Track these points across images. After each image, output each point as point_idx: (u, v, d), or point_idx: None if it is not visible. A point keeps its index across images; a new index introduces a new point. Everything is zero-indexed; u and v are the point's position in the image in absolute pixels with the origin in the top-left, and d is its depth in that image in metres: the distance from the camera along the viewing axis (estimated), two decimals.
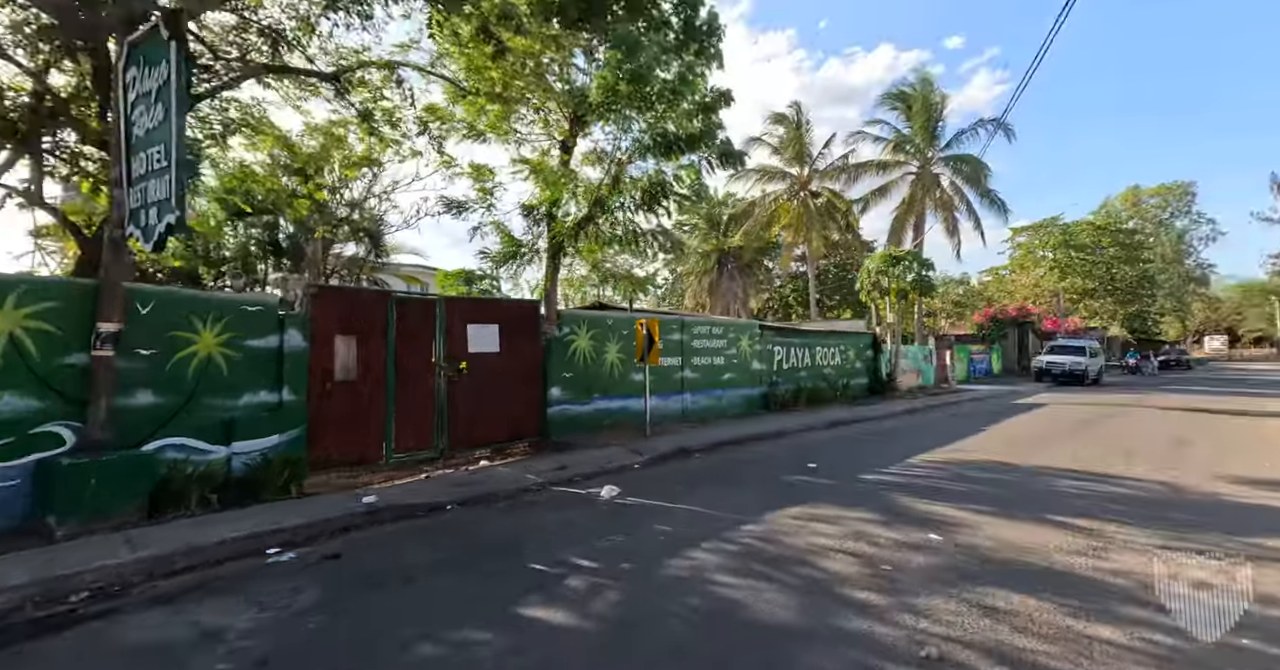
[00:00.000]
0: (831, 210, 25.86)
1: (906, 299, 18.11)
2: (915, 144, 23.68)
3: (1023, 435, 10.10)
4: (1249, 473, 6.98)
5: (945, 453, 8.39)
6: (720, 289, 27.98)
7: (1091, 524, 4.85)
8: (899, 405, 15.00)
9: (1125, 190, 47.31)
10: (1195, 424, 11.51)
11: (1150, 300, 41.96)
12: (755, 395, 13.16)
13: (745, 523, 4.87)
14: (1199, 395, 18.05)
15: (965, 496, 5.80)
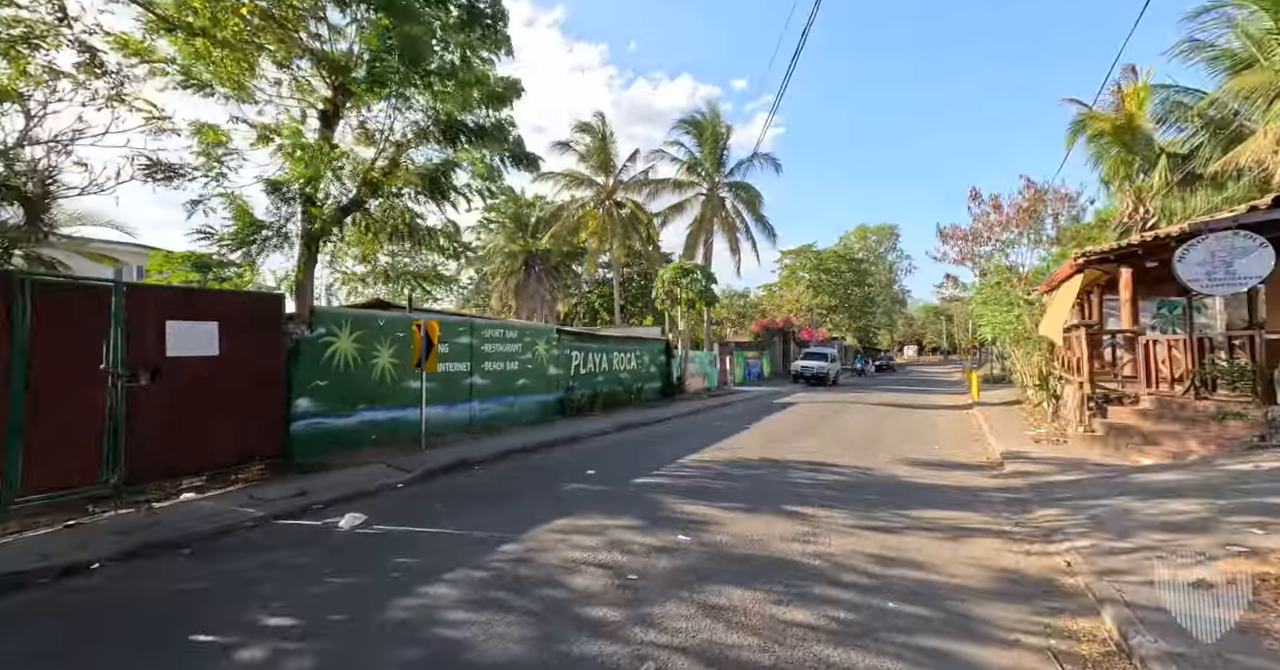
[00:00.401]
0: (635, 221, 27.25)
1: (695, 308, 19.81)
2: (705, 168, 26.28)
3: (777, 431, 11.65)
4: (920, 455, 8.97)
5: (714, 451, 9.19)
6: (528, 291, 27.43)
7: (811, 511, 5.62)
8: (685, 407, 16.30)
9: (856, 227, 59.83)
10: (891, 417, 14.65)
11: (872, 316, 53.21)
12: (551, 401, 12.99)
13: (506, 542, 4.54)
14: (897, 393, 23.19)
15: (721, 494, 6.31)
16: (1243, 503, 4.65)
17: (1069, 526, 4.85)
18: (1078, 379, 9.52)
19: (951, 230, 18.65)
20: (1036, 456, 8.18)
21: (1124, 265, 8.74)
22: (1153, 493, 5.46)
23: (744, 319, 44.37)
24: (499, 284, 28.15)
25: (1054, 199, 15.87)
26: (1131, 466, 6.84)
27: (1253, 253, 6.31)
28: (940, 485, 6.96)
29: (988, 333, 16.98)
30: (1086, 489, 6.07)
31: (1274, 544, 3.76)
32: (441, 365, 9.62)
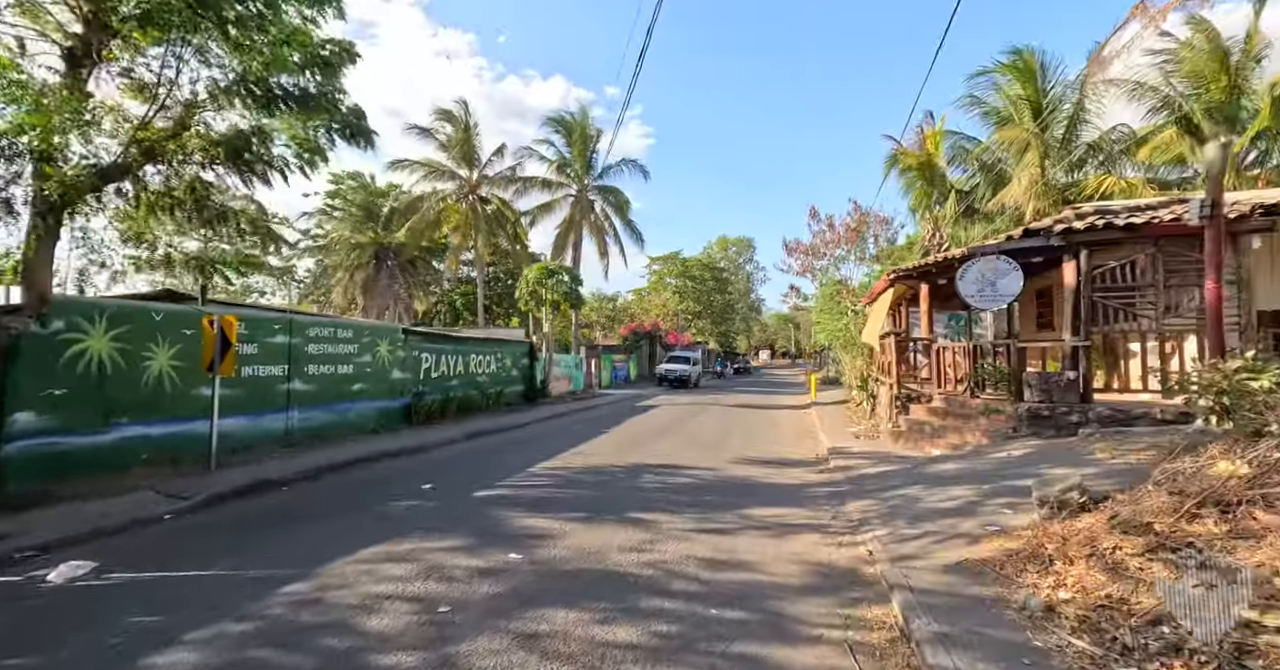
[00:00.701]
0: (501, 218, 26.17)
1: (560, 310, 19.45)
2: (575, 169, 26.11)
3: (635, 434, 11.73)
4: (761, 454, 9.55)
5: (569, 457, 8.92)
6: (379, 287, 24.95)
7: (654, 516, 5.59)
8: (548, 411, 15.86)
9: (718, 238, 63.93)
10: (742, 417, 15.61)
11: (732, 322, 57.05)
12: (395, 408, 11.79)
13: (292, 581, 3.81)
14: (750, 394, 24.94)
15: (566, 504, 6.05)
16: (1000, 487, 5.49)
17: (873, 517, 5.35)
18: (888, 381, 10.87)
19: (795, 244, 20.65)
20: (855, 451, 9.12)
21: (923, 282, 10.14)
22: (938, 481, 6.28)
23: (614, 322, 44.98)
24: (343, 278, 25.26)
25: (875, 222, 18.32)
26: (924, 457, 7.87)
27: (1010, 274, 7.66)
28: (775, 483, 7.41)
29: (823, 339, 18.90)
30: (890, 480, 6.83)
31: (1020, 522, 4.44)
32: (247, 368, 8.18)
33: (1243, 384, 3.42)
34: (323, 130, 7.65)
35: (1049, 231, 7.39)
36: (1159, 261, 7.06)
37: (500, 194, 26.28)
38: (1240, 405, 3.46)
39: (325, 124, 7.58)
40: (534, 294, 18.33)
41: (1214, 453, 3.21)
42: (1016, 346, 7.71)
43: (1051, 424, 7.24)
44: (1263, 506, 2.65)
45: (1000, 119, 16.72)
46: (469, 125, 24.20)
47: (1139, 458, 5.45)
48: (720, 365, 42.80)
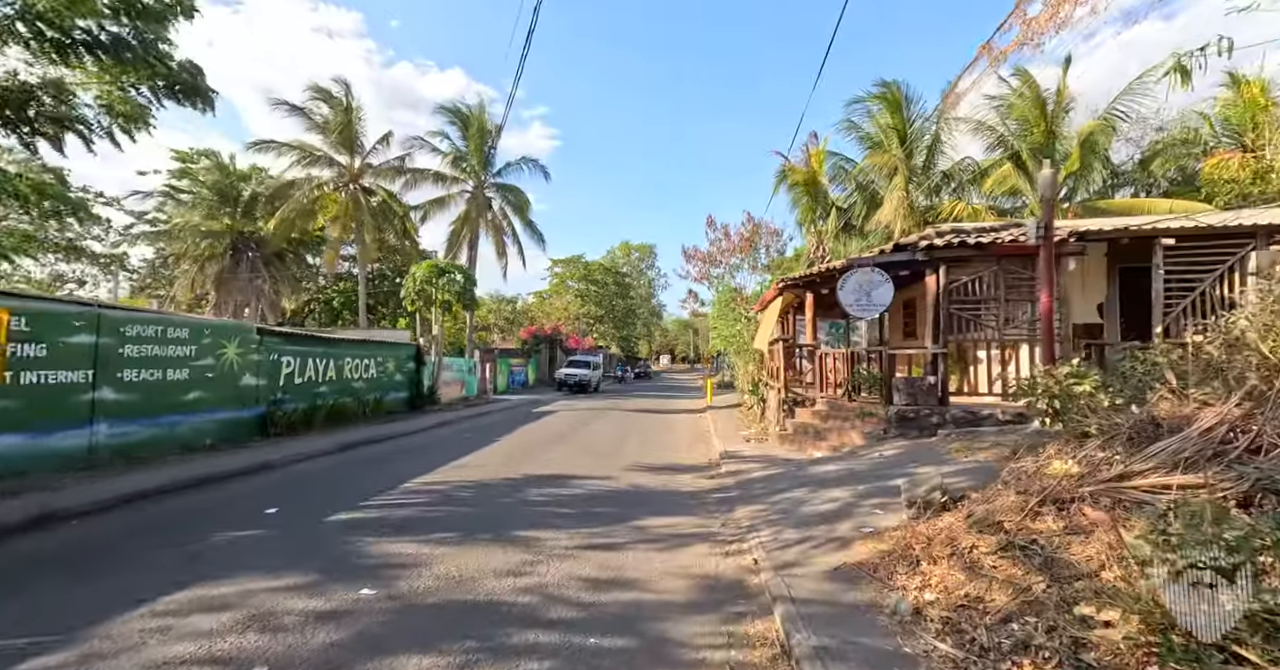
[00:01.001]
0: (388, 212, 24.19)
1: (451, 311, 18.28)
2: (471, 164, 24.84)
3: (528, 442, 11.18)
4: (656, 461, 9.47)
5: (451, 470, 8.23)
6: (237, 282, 21.91)
7: (538, 534, 5.20)
8: (435, 418, 14.75)
9: (621, 243, 64.55)
10: (639, 422, 15.59)
11: (633, 327, 57.64)
12: (246, 418, 10.26)
13: (46, 651, 2.96)
14: (649, 398, 25.15)
15: (439, 523, 5.47)
16: (873, 487, 5.77)
17: (760, 522, 5.38)
18: (776, 385, 11.33)
19: (693, 251, 21.20)
20: (746, 455, 9.33)
21: (809, 291, 10.69)
22: (819, 483, 6.51)
23: (512, 325, 43.53)
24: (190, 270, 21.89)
25: (767, 233, 19.32)
26: (808, 459, 8.21)
27: (882, 286, 8.26)
28: (668, 490, 7.32)
29: (719, 344, 19.50)
30: (776, 483, 7.00)
31: (891, 522, 4.64)
32: (30, 374, 6.61)
33: (1070, 389, 3.81)
34: (144, 88, 6.39)
35: (915, 247, 8.05)
36: (1001, 278, 7.96)
37: (387, 185, 24.30)
38: (1069, 408, 3.83)
39: (147, 80, 6.33)
40: (422, 293, 17.05)
41: (1050, 453, 3.52)
42: (887, 353, 8.32)
43: (916, 425, 7.84)
44: (1090, 503, 2.88)
45: (873, 144, 18.34)
46: (351, 107, 22.10)
47: (986, 456, 5.99)
48: (621, 370, 42.94)
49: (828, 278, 9.83)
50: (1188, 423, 2.73)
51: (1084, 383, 3.67)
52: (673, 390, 32.51)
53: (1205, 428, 2.57)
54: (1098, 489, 2.89)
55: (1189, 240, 7.04)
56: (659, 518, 5.89)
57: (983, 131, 17.86)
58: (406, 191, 24.91)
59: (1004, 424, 7.41)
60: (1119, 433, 2.97)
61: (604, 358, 47.57)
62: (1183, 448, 2.59)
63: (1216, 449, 2.50)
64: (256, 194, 22.50)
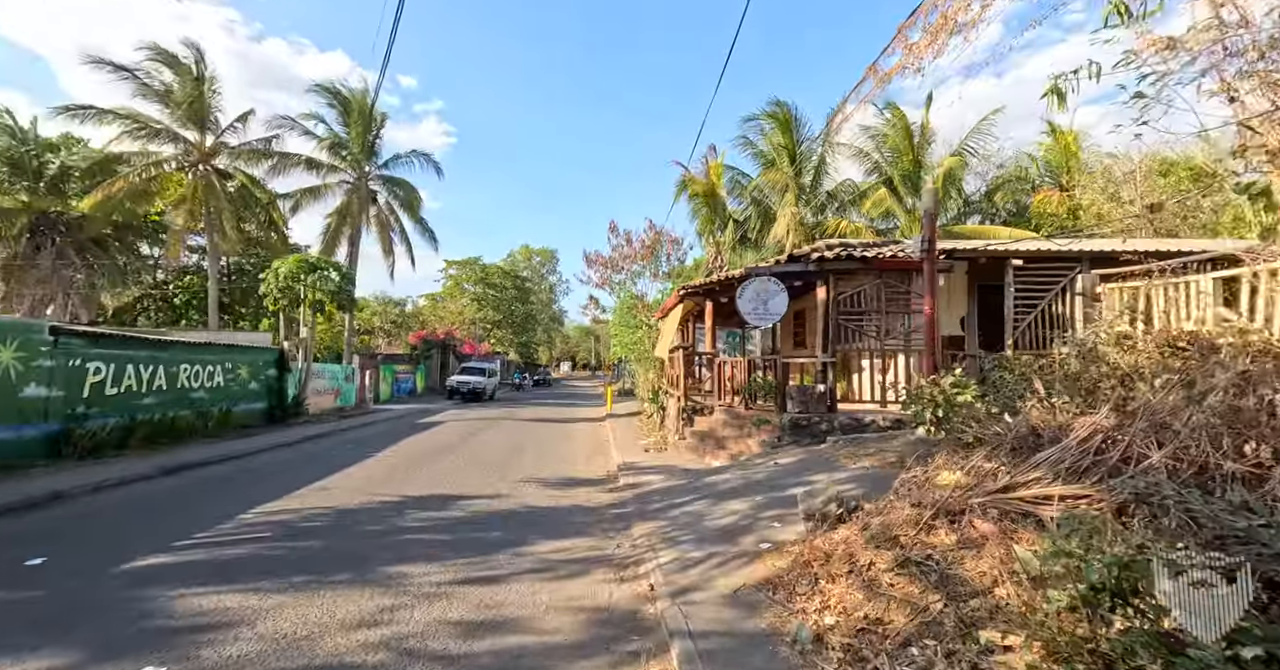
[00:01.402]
0: (249, 199, 21.22)
1: (324, 311, 16.34)
2: (353, 152, 22.62)
3: (410, 456, 10.09)
4: (552, 474, 8.92)
5: (309, 493, 7.09)
6: (36, 272, 17.95)
7: (408, 568, 4.49)
8: (301, 432, 12.97)
9: (522, 247, 62.74)
10: (536, 431, 14.87)
11: (533, 333, 56.11)
12: (29, 438, 8.24)
13: None
14: (547, 407, 24.33)
15: (280, 565, 4.55)
16: (772, 498, 5.73)
17: (658, 541, 5.08)
18: (676, 393, 11.27)
19: (595, 256, 20.88)
20: (645, 466, 9.08)
21: (708, 299, 10.76)
22: (719, 494, 6.38)
23: (401, 329, 40.39)
24: None
25: (668, 241, 19.53)
26: (707, 469, 8.12)
27: (778, 295, 8.47)
28: (562, 507, 6.83)
29: (620, 352, 19.31)
30: (675, 496, 6.78)
31: (789, 536, 4.54)
32: None
33: (953, 398, 3.93)
34: None
35: (807, 258, 8.33)
36: (882, 291, 8.46)
37: (248, 169, 21.35)
38: (951, 417, 3.95)
39: None
40: (287, 291, 15.04)
41: (939, 463, 3.57)
42: (781, 361, 8.51)
43: (808, 432, 8.05)
44: (979, 515, 2.88)
45: (766, 161, 19.28)
46: (203, 77, 19.12)
47: (871, 462, 6.20)
48: (519, 377, 41.42)
49: (727, 286, 9.93)
50: (1065, 433, 2.82)
51: (965, 392, 3.80)
52: (573, 398, 31.87)
53: (1081, 438, 2.66)
54: (986, 500, 2.91)
55: (1034, 262, 7.96)
56: (550, 541, 5.39)
57: (861, 158, 19.47)
58: (274, 178, 22.08)
59: (885, 430, 7.81)
60: (1003, 442, 3.04)
61: (501, 364, 45.72)
62: (1062, 458, 2.66)
63: (1093, 459, 2.58)
64: (69, 167, 18.65)
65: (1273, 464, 2.08)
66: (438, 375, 33.45)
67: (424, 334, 34.33)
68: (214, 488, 7.51)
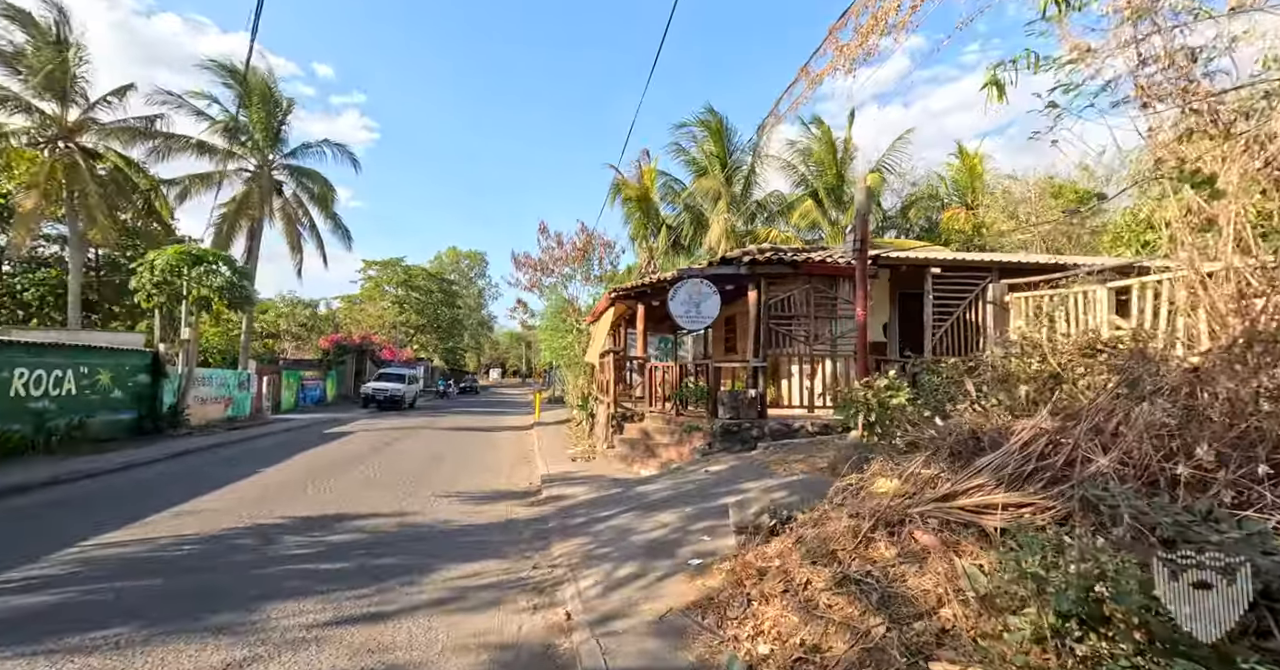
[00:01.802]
0: (124, 183, 18.67)
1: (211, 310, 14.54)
2: (254, 138, 20.54)
3: (306, 471, 8.98)
4: (470, 487, 8.21)
5: (168, 519, 6.02)
6: None
7: (274, 609, 3.76)
8: (177, 446, 11.33)
9: (449, 249, 60.14)
10: (457, 441, 13.92)
11: (460, 338, 53.79)
12: None
13: None
14: (473, 415, 23.13)
15: (102, 612, 3.67)
16: (703, 508, 5.42)
17: (580, 561, 4.62)
18: (606, 399, 10.84)
19: (524, 259, 20.12)
20: (571, 476, 8.57)
21: (640, 302, 10.45)
22: (648, 506, 6.01)
23: (312, 333, 37.26)
24: None
25: (600, 245, 19.16)
26: (636, 478, 7.75)
27: (710, 298, 8.30)
28: (478, 525, 6.21)
29: (549, 357, 18.65)
30: (601, 508, 6.34)
31: (720, 548, 4.23)
32: None
33: (887, 400, 3.80)
34: None
35: (739, 261, 8.22)
36: (811, 296, 8.50)
37: (125, 150, 18.85)
38: (884, 420, 3.80)
39: None
40: (165, 287, 13.23)
41: (875, 469, 3.38)
42: (713, 366, 8.33)
43: (739, 438, 7.87)
44: (920, 525, 2.67)
45: (699, 169, 19.42)
46: (65, 41, 16.65)
47: (802, 468, 6.07)
48: (443, 384, 39.42)
49: (659, 289, 9.66)
50: (1005, 436, 2.68)
51: (898, 395, 3.66)
52: (500, 406, 30.62)
53: (1024, 442, 2.51)
54: (926, 509, 2.71)
55: (950, 271, 8.27)
56: (458, 564, 4.79)
57: (789, 170, 20.06)
58: (157, 162, 19.61)
59: (814, 435, 7.78)
60: (941, 447, 2.87)
61: (425, 371, 43.36)
62: (1005, 463, 2.51)
63: (1036, 464, 2.43)
64: None
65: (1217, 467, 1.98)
66: (352, 382, 31.08)
67: (338, 338, 31.86)
68: (30, 519, 6.21)
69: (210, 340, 23.54)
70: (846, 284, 8.48)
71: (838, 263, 8.16)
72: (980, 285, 8.31)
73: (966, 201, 18.32)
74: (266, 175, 21.15)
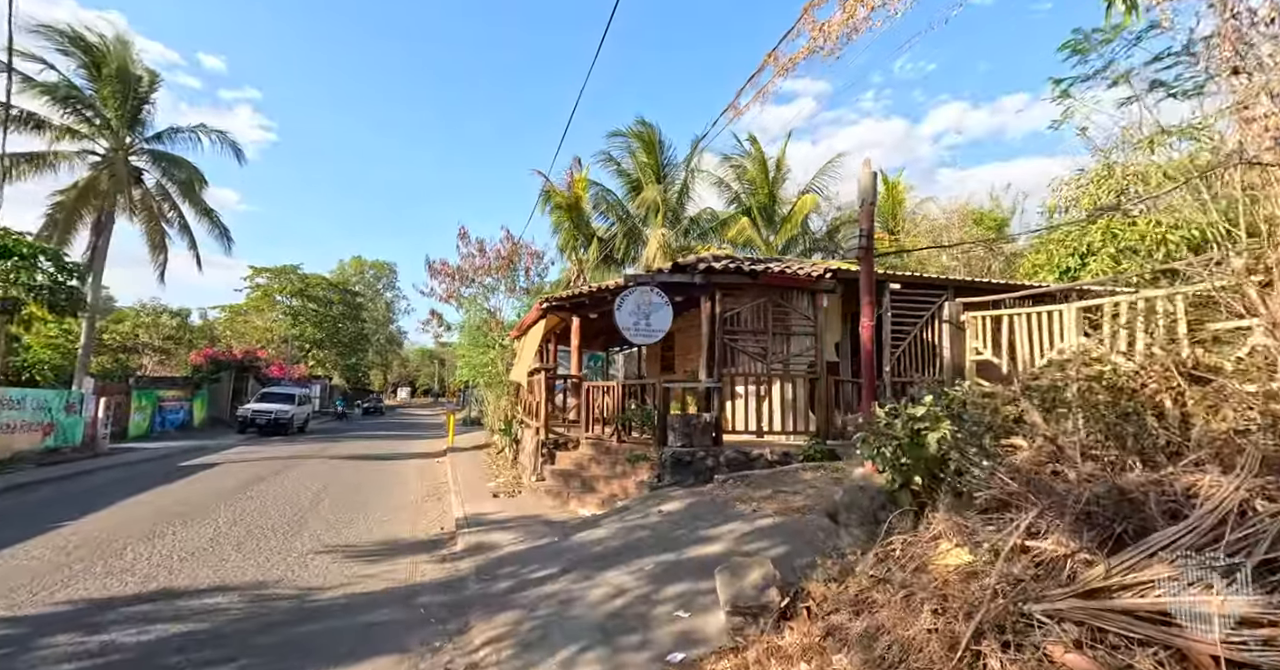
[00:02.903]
0: None
1: (17, 315, 11.53)
2: (107, 117, 17.22)
3: (136, 521, 6.84)
4: (361, 535, 6.57)
5: None
6: None
7: None
8: None
9: (353, 258, 55.28)
10: (354, 472, 11.84)
11: (364, 354, 49.24)
12: None
13: None
14: (376, 440, 20.55)
15: None
16: (669, 564, 4.33)
17: (512, 655, 3.35)
18: (535, 423, 9.50)
19: (440, 265, 18.23)
20: (494, 518, 7.15)
21: (575, 314, 9.30)
22: (595, 561, 4.82)
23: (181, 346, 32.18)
24: None
25: (527, 254, 17.79)
26: (575, 520, 6.51)
27: (662, 309, 7.35)
28: (370, 595, 4.71)
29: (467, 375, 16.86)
30: (535, 564, 5.05)
31: (702, 628, 3.16)
32: None
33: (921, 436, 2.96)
34: None
35: (694, 268, 7.35)
36: (768, 310, 7.79)
37: None
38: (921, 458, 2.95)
39: None
40: None
41: (938, 529, 2.48)
42: (661, 386, 7.32)
43: (692, 469, 6.89)
44: (1057, 635, 1.76)
45: (631, 181, 18.71)
46: None
47: (774, 508, 5.17)
48: (341, 404, 35.48)
49: (599, 299, 8.59)
50: (1178, 499, 1.87)
51: (939, 427, 2.85)
52: (408, 428, 27.79)
53: (1214, 511, 1.71)
54: (1062, 609, 1.81)
55: (909, 287, 7.92)
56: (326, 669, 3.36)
57: (722, 188, 19.91)
58: None
59: (774, 465, 6.96)
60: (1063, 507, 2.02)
61: (322, 389, 38.99)
62: (1196, 543, 1.68)
63: (1241, 544, 1.63)
64: None
65: None
66: (228, 403, 26.93)
67: (211, 352, 27.65)
68: None
69: (39, 354, 19.30)
70: (804, 297, 7.87)
71: (796, 274, 7.53)
72: (936, 304, 8.02)
73: (890, 227, 18.96)
74: (122, 160, 17.81)
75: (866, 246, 3.90)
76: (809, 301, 7.85)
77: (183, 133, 19.20)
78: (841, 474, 5.52)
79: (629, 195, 18.77)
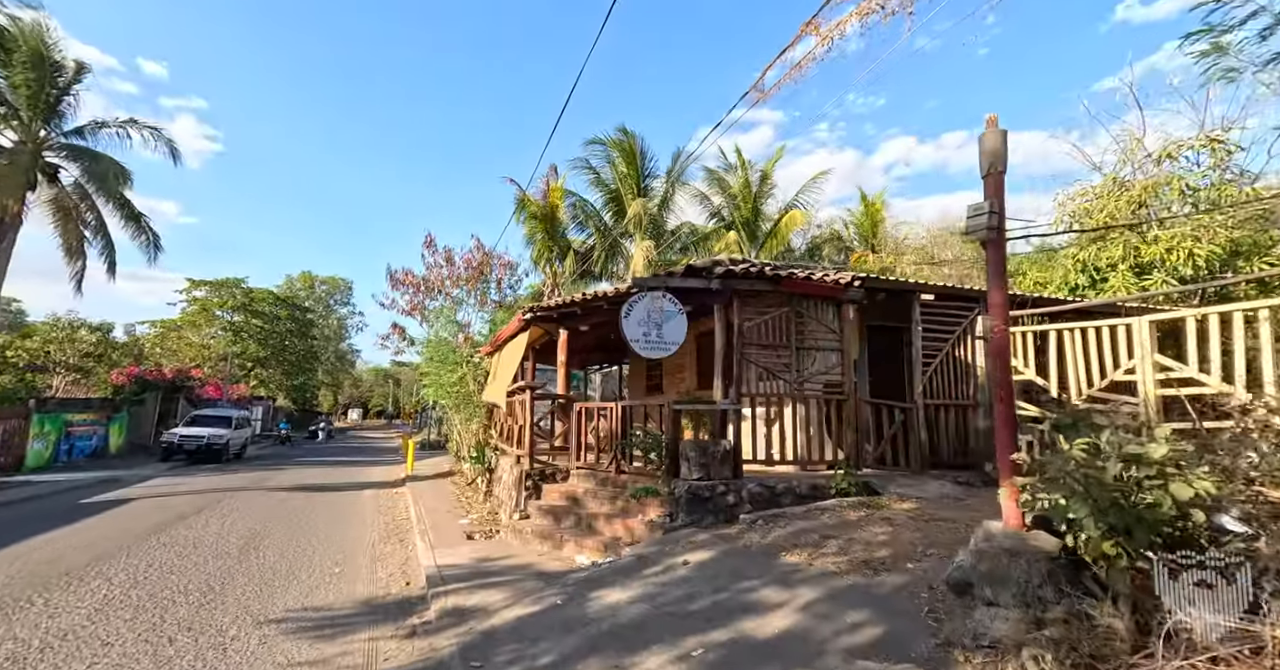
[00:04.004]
0: None
1: None
2: (16, 108, 15.26)
3: None
4: (297, 600, 5.18)
5: None
6: None
7: None
8: None
9: (302, 273, 52.11)
10: (297, 508, 10.19)
11: (313, 374, 46.10)
12: None
13: None
14: (325, 466, 18.57)
15: None
16: (715, 644, 3.25)
17: None
18: (516, 451, 8.27)
19: (404, 275, 16.73)
20: (471, 569, 5.88)
21: (563, 326, 8.22)
22: (620, 638, 3.68)
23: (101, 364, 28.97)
24: None
25: (500, 265, 16.58)
26: (576, 574, 5.33)
27: (676, 318, 6.39)
28: None
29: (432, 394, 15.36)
30: (541, 646, 3.86)
31: None
32: None
33: (1147, 486, 2.06)
34: None
35: (709, 272, 6.43)
36: (791, 321, 6.93)
37: None
38: (1152, 521, 2.04)
39: None
40: None
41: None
42: (672, 408, 6.29)
43: (711, 508, 5.85)
44: None
45: (610, 192, 17.90)
46: None
47: (837, 564, 4.20)
48: (284, 427, 32.66)
49: (592, 308, 7.55)
50: None
51: (1190, 478, 1.93)
52: (362, 453, 25.64)
53: None
54: None
55: (942, 299, 7.23)
56: None
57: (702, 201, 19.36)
58: None
59: (805, 501, 6.02)
60: None
61: (265, 411, 35.97)
62: None
63: None
64: None
65: None
66: (153, 427, 24.13)
67: (135, 370, 24.88)
68: None
69: None
70: (829, 308, 7.05)
71: (824, 281, 6.72)
72: (969, 318, 7.35)
73: (872, 245, 18.76)
74: (36, 158, 15.76)
75: (997, 227, 3.09)
76: (834, 313, 7.04)
77: (109, 127, 17.27)
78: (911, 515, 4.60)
79: (607, 206, 17.92)
